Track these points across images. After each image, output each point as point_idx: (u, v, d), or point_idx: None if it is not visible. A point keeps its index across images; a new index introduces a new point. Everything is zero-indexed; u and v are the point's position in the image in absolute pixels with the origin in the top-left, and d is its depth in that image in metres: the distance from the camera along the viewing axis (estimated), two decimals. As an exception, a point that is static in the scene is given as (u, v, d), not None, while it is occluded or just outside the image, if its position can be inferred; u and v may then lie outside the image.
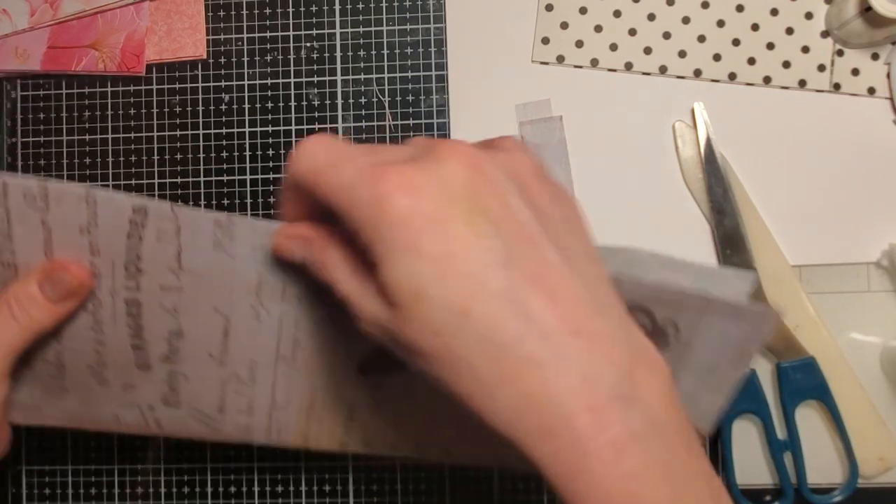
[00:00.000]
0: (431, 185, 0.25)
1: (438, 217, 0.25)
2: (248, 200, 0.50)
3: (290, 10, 0.50)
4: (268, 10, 0.50)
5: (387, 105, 0.50)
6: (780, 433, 0.47)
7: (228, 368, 0.37)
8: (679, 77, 0.48)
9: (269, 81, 0.50)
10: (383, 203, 0.25)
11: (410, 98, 0.50)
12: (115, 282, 0.34)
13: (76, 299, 0.35)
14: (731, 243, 0.47)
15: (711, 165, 0.47)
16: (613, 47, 0.49)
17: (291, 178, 0.28)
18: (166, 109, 0.51)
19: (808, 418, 0.47)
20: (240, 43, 0.51)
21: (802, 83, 0.48)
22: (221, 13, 0.51)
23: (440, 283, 0.24)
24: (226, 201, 0.50)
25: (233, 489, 0.50)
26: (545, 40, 0.49)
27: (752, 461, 0.47)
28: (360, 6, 0.50)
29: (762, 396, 0.47)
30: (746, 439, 0.47)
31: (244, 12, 0.51)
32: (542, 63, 0.49)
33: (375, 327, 0.27)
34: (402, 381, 0.37)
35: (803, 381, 0.46)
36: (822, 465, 0.47)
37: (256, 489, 0.50)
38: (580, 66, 0.49)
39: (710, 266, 0.33)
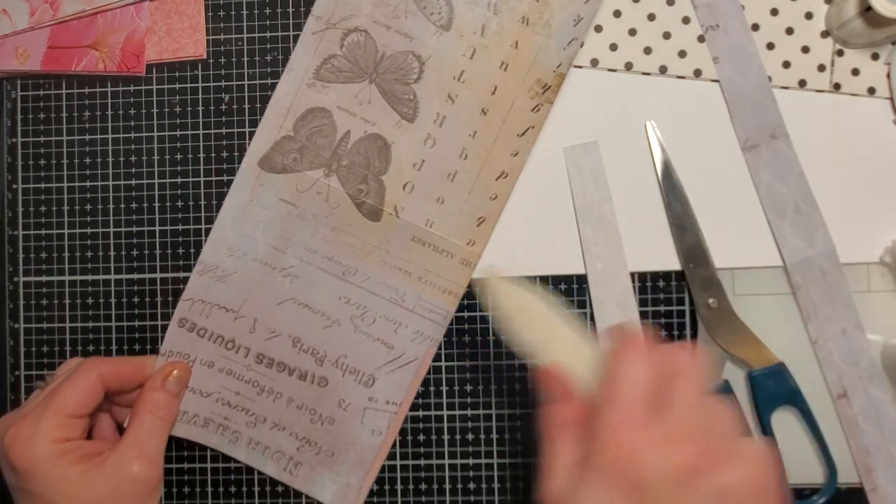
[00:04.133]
0: None
1: None
2: (248, 200, 0.50)
3: (290, 10, 0.50)
4: (268, 10, 0.50)
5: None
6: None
7: None
8: (679, 77, 0.48)
9: (269, 81, 0.50)
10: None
11: (410, 98, 0.50)
12: None
13: (185, 388, 0.48)
14: (694, 257, 0.47)
15: (668, 182, 0.48)
16: (613, 47, 0.49)
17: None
18: (166, 109, 0.51)
19: (786, 422, 0.47)
20: (240, 43, 0.51)
21: (802, 83, 0.48)
22: (221, 13, 0.51)
23: None
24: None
25: (233, 489, 0.50)
26: (545, 40, 0.49)
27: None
28: (360, 6, 0.50)
29: (736, 404, 0.46)
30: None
31: (244, 12, 0.51)
32: (542, 63, 0.49)
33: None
34: None
35: (775, 387, 0.46)
36: (802, 468, 0.47)
37: (256, 489, 0.50)
38: (580, 66, 0.49)
39: None
